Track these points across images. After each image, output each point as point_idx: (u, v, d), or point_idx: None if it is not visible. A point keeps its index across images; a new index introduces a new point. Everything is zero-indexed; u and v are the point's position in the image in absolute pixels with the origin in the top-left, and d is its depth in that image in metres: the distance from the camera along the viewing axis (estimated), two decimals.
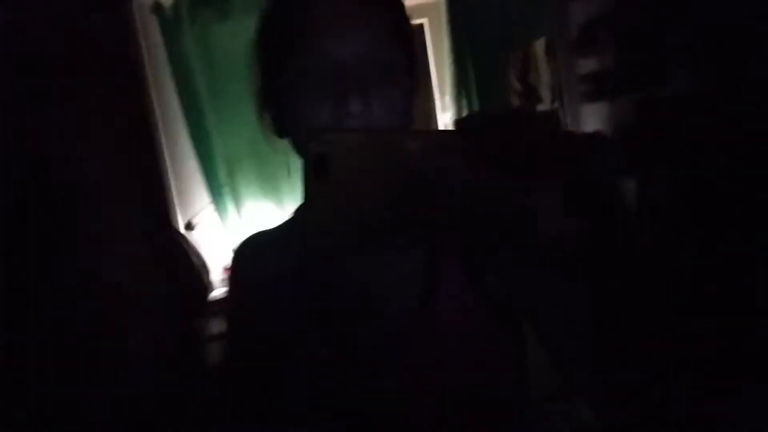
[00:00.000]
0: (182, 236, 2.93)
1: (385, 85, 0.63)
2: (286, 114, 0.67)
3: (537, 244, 0.44)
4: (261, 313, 0.76)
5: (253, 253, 0.82)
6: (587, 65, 2.08)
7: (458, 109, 3.04)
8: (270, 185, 2.97)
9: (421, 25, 3.30)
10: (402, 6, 0.70)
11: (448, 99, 3.13)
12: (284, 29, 0.66)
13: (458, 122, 0.44)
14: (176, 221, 3.23)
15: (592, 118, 2.08)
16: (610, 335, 0.47)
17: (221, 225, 3.06)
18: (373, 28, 0.63)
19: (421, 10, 3.13)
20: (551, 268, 0.47)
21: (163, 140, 3.26)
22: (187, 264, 2.76)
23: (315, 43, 0.62)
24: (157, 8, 2.89)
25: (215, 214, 3.07)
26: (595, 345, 0.48)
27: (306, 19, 0.63)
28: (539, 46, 2.63)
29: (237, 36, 2.59)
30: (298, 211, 0.81)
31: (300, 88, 0.63)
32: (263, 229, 0.84)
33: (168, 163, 3.30)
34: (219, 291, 2.83)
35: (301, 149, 0.66)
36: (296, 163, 0.67)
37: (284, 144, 0.72)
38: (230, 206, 3.03)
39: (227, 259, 0.74)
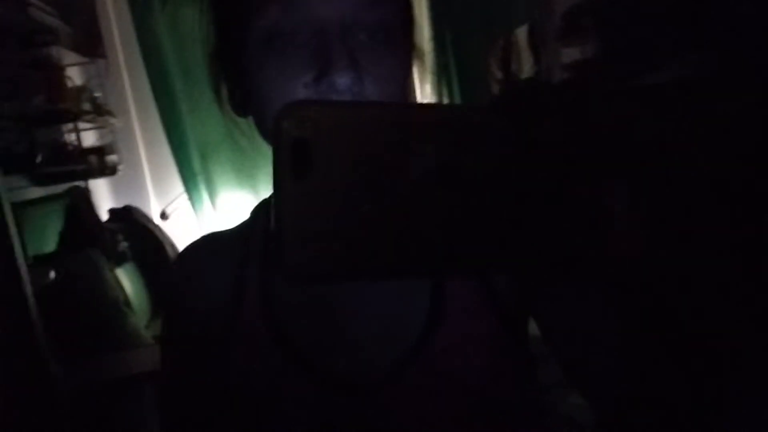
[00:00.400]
0: (156, 226, 2.85)
1: (379, 52, 0.49)
2: (251, 85, 0.52)
3: (606, 265, 0.32)
4: (206, 361, 0.58)
5: (194, 270, 0.63)
6: (571, 54, 2.05)
7: (438, 96, 2.99)
8: (245, 174, 2.89)
9: None
10: None
11: (428, 87, 3.08)
12: None
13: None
14: (150, 210, 3.15)
15: None
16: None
17: (195, 216, 2.98)
18: None
19: None
20: (612, 298, 0.37)
21: (137, 126, 3.17)
22: (161, 254, 2.68)
23: None
24: None
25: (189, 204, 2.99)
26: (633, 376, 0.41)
27: None
28: (521, 34, 2.58)
29: None
30: (260, 210, 0.64)
31: (269, 53, 0.49)
32: (210, 233, 0.67)
33: (142, 150, 3.21)
34: None
35: (268, 130, 0.52)
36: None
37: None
38: (204, 196, 2.95)
39: None
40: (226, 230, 0.66)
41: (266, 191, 3.01)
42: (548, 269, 0.33)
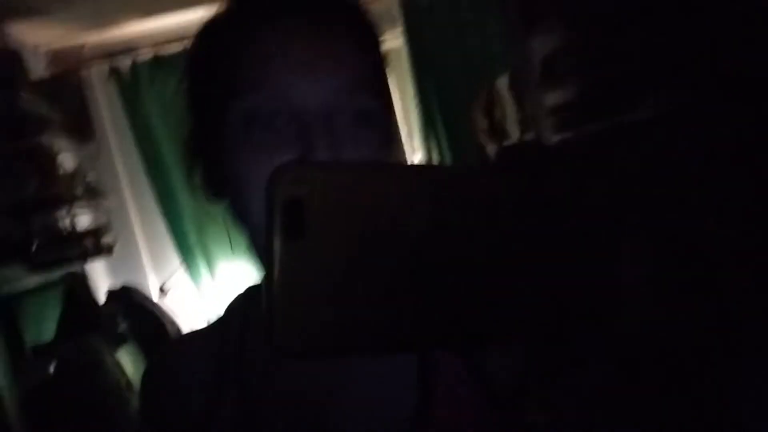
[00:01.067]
0: (155, 304, 2.82)
1: (361, 135, 0.49)
2: (228, 169, 0.51)
3: (618, 337, 0.30)
4: None
5: (168, 378, 0.59)
6: (553, 98, 2.08)
7: (427, 151, 3.02)
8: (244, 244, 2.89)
9: None
10: (378, 41, 0.56)
11: (417, 142, 3.11)
12: (230, 61, 0.50)
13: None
14: (149, 286, 3.12)
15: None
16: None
17: (194, 288, 2.95)
18: (347, 66, 0.49)
19: None
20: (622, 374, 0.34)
21: (131, 204, 3.18)
22: (161, 332, 2.64)
23: (274, 79, 0.47)
24: (115, 74, 2.86)
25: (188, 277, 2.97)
26: None
27: (262, 48, 0.48)
28: (502, 83, 2.63)
29: None
30: (235, 305, 0.61)
31: (248, 136, 0.48)
32: (184, 335, 0.64)
33: (137, 227, 3.21)
34: None
35: (243, 213, 0.51)
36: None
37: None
38: (203, 267, 2.93)
39: (202, 325, 0.56)
40: (202, 329, 0.63)
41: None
42: (557, 341, 0.31)
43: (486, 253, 0.29)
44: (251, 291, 0.62)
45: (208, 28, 0.55)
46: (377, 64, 0.55)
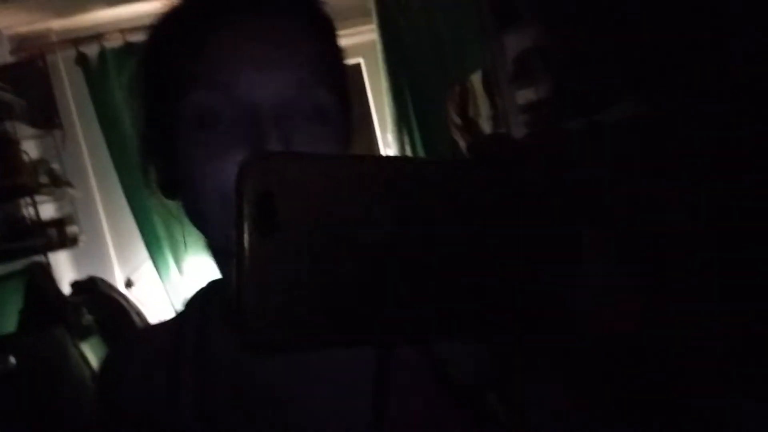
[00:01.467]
0: (122, 296, 2.77)
1: (316, 134, 0.47)
2: (178, 166, 0.49)
3: (577, 334, 0.30)
4: None
5: (122, 378, 0.58)
6: (526, 95, 2.10)
7: (400, 145, 3.03)
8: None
9: (358, 65, 3.30)
10: (335, 35, 0.55)
11: (390, 136, 3.12)
12: (181, 56, 0.48)
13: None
14: (115, 280, 3.06)
15: None
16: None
17: (162, 282, 2.91)
18: (300, 61, 0.48)
19: (356, 49, 3.13)
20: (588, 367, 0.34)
21: (98, 195, 3.12)
22: (128, 325, 2.60)
23: (221, 74, 0.46)
24: (82, 60, 2.79)
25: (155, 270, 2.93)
26: None
27: (213, 44, 0.47)
28: (476, 79, 2.65)
29: None
30: (193, 303, 0.60)
31: (199, 134, 0.47)
32: (138, 332, 0.62)
33: (104, 219, 3.15)
34: None
35: (195, 213, 0.50)
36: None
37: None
38: (170, 261, 2.89)
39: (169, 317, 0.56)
40: (160, 323, 0.62)
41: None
42: (526, 331, 0.30)
43: (454, 246, 0.29)
44: (212, 285, 0.61)
45: (160, 23, 0.53)
46: (334, 58, 0.54)
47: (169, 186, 0.55)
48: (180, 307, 0.61)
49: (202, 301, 0.60)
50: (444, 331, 0.30)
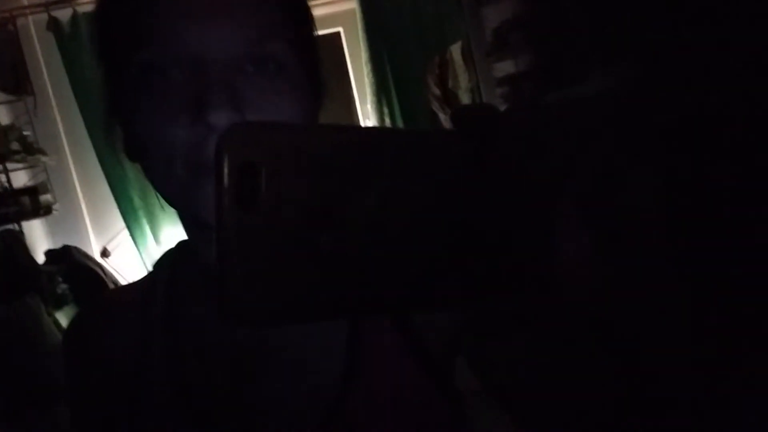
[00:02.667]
0: (98, 264, 2.75)
1: (269, 86, 0.45)
2: (134, 128, 0.48)
3: (551, 304, 0.31)
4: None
5: (93, 337, 0.57)
6: (504, 68, 2.10)
7: (379, 116, 3.01)
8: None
9: (337, 34, 3.26)
10: None
11: (369, 107, 3.10)
12: (128, 13, 0.46)
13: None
14: (91, 249, 3.04)
15: None
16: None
17: (138, 251, 2.90)
18: (248, 12, 0.45)
19: (336, 18, 3.09)
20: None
21: (72, 163, 3.07)
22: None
23: (165, 30, 0.44)
24: (54, 25, 2.72)
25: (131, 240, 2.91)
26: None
27: (158, 0, 0.45)
28: (456, 50, 2.64)
29: None
30: (163, 262, 0.60)
31: (145, 91, 0.45)
32: (109, 291, 0.62)
33: (78, 187, 3.11)
34: None
35: (151, 176, 0.48)
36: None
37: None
38: (147, 230, 2.87)
39: None
40: (129, 284, 0.62)
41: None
42: (501, 300, 0.31)
43: (433, 216, 0.29)
44: (180, 245, 0.61)
45: None
46: (295, 10, 0.51)
47: (131, 149, 0.53)
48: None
49: (171, 260, 0.60)
50: (423, 303, 0.30)
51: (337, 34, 3.27)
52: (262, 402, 0.51)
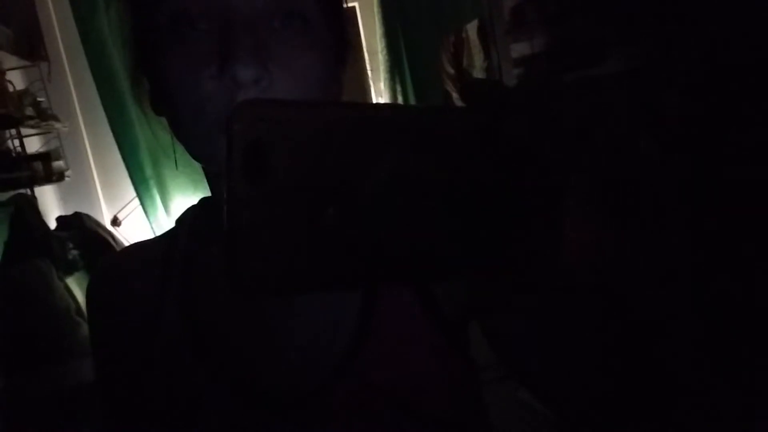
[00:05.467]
0: (109, 233, 2.77)
1: (294, 41, 0.45)
2: (159, 79, 0.48)
3: (558, 271, 0.31)
4: (133, 375, 0.55)
5: (115, 283, 0.59)
6: (520, 49, 2.08)
7: (392, 94, 3.00)
8: (200, 177, 2.84)
9: (352, 8, 3.24)
10: None
11: (382, 85, 3.08)
12: None
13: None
14: (102, 217, 3.06)
15: None
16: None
17: (149, 222, 2.91)
18: None
19: None
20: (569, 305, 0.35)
21: (84, 130, 3.08)
22: None
23: None
24: None
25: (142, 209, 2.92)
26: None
27: None
28: (471, 29, 2.61)
29: None
30: (185, 217, 0.61)
31: (174, 41, 0.45)
32: (134, 244, 0.63)
33: (91, 155, 3.12)
34: None
35: (176, 124, 0.49)
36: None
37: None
38: (157, 201, 2.88)
39: None
40: (150, 240, 0.63)
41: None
42: (508, 273, 0.31)
43: (443, 191, 0.29)
44: (202, 202, 0.62)
45: None
46: None
47: (157, 102, 0.54)
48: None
49: (192, 216, 0.61)
50: (433, 275, 0.31)
51: (352, 9, 3.24)
52: (273, 350, 0.52)
